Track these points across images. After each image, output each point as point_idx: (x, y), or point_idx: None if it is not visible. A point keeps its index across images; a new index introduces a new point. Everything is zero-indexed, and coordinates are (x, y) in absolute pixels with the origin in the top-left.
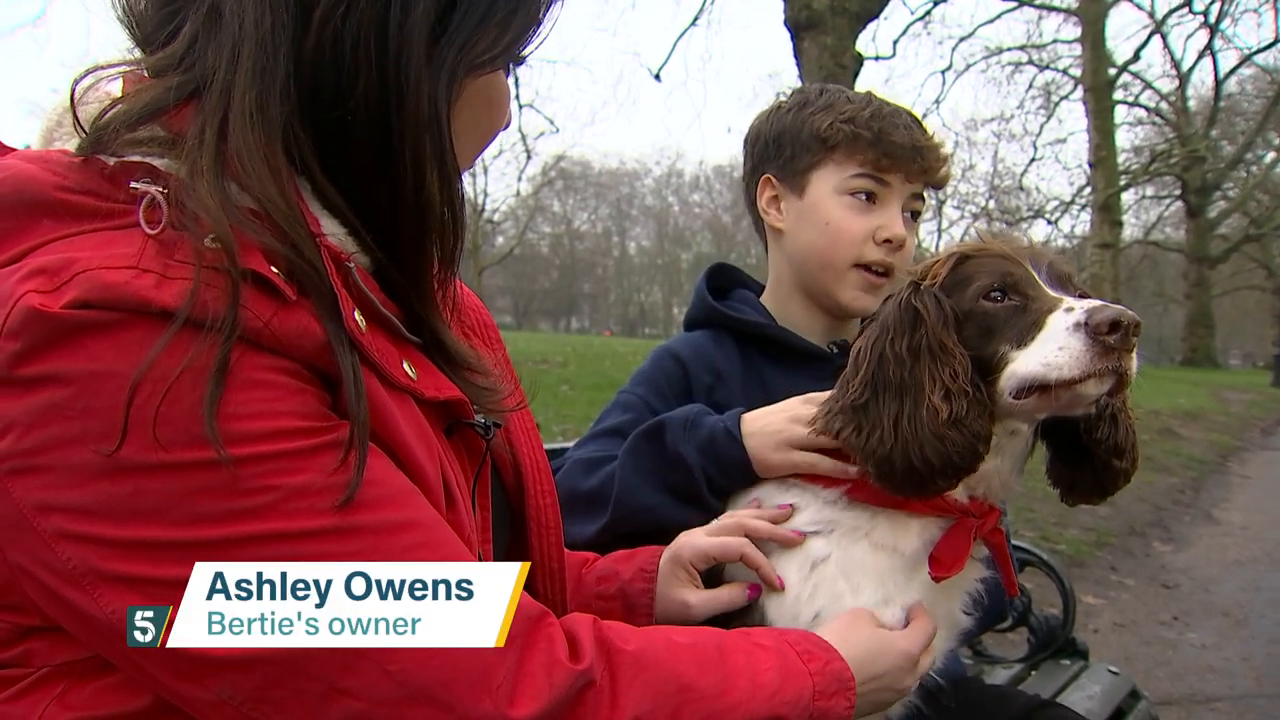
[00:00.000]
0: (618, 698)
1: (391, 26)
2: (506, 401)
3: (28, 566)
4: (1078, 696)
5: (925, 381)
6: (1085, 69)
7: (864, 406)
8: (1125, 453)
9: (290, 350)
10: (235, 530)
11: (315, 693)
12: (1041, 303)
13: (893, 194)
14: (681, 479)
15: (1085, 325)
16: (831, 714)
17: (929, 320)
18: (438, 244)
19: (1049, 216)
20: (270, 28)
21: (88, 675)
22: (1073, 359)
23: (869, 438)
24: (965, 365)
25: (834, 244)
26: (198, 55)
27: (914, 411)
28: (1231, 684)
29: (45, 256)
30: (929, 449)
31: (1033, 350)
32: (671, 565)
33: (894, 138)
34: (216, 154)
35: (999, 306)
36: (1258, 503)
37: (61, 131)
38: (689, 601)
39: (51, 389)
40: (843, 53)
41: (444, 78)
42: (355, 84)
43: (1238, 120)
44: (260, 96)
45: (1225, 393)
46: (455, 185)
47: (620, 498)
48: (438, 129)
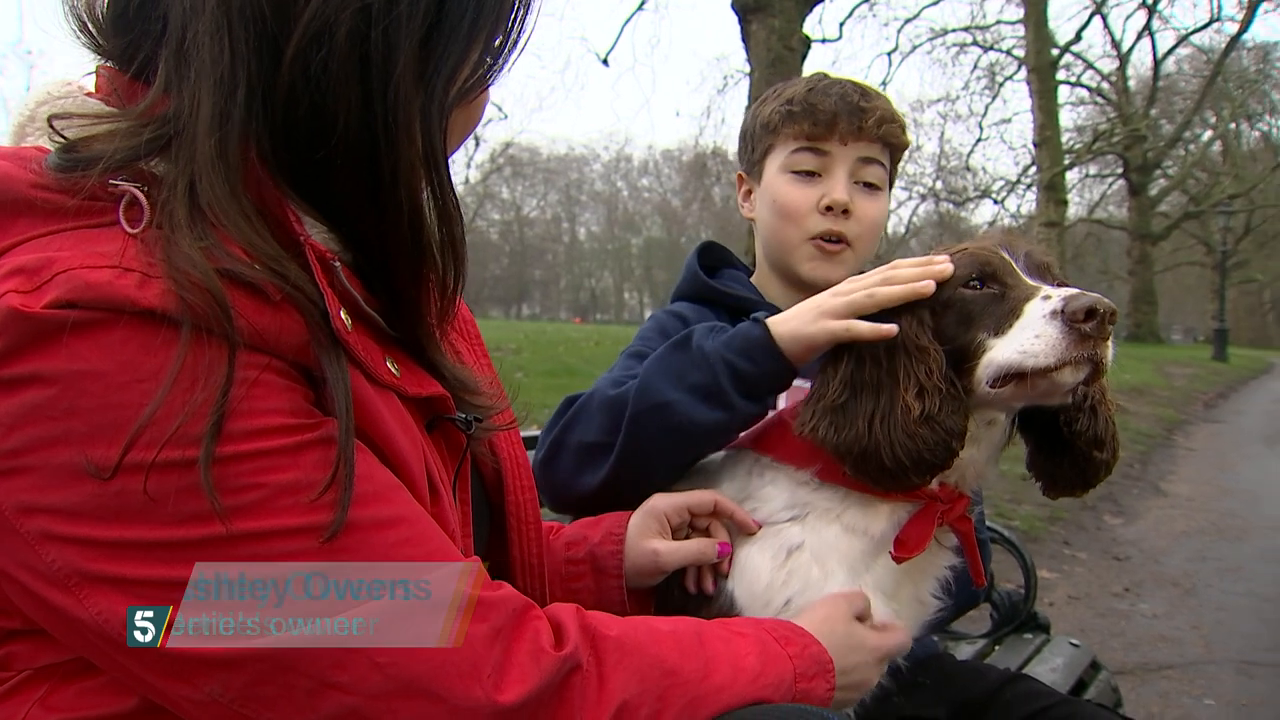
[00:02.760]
0: (605, 681)
1: (374, 65)
2: (500, 418)
3: (9, 569)
4: (1041, 669)
5: (900, 379)
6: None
7: (842, 406)
8: (1105, 444)
9: (275, 348)
10: (222, 529)
11: (305, 688)
12: (1019, 291)
13: (834, 162)
14: (704, 376)
15: (1061, 313)
16: (813, 696)
17: (902, 319)
18: (438, 278)
19: (995, 196)
20: (230, 68)
21: (71, 677)
22: (1048, 346)
23: (843, 436)
24: (940, 362)
25: (784, 220)
26: (173, 96)
27: (889, 410)
28: (1182, 652)
29: (23, 256)
30: (901, 447)
31: (1010, 338)
32: (644, 516)
33: (823, 106)
34: (190, 205)
35: (977, 295)
36: (1202, 474)
37: (34, 127)
38: (658, 550)
39: (33, 389)
40: (790, 35)
41: (435, 114)
42: (336, 123)
43: (1176, 99)
44: (220, 144)
45: (1169, 367)
46: (456, 224)
47: (639, 394)
48: (435, 166)
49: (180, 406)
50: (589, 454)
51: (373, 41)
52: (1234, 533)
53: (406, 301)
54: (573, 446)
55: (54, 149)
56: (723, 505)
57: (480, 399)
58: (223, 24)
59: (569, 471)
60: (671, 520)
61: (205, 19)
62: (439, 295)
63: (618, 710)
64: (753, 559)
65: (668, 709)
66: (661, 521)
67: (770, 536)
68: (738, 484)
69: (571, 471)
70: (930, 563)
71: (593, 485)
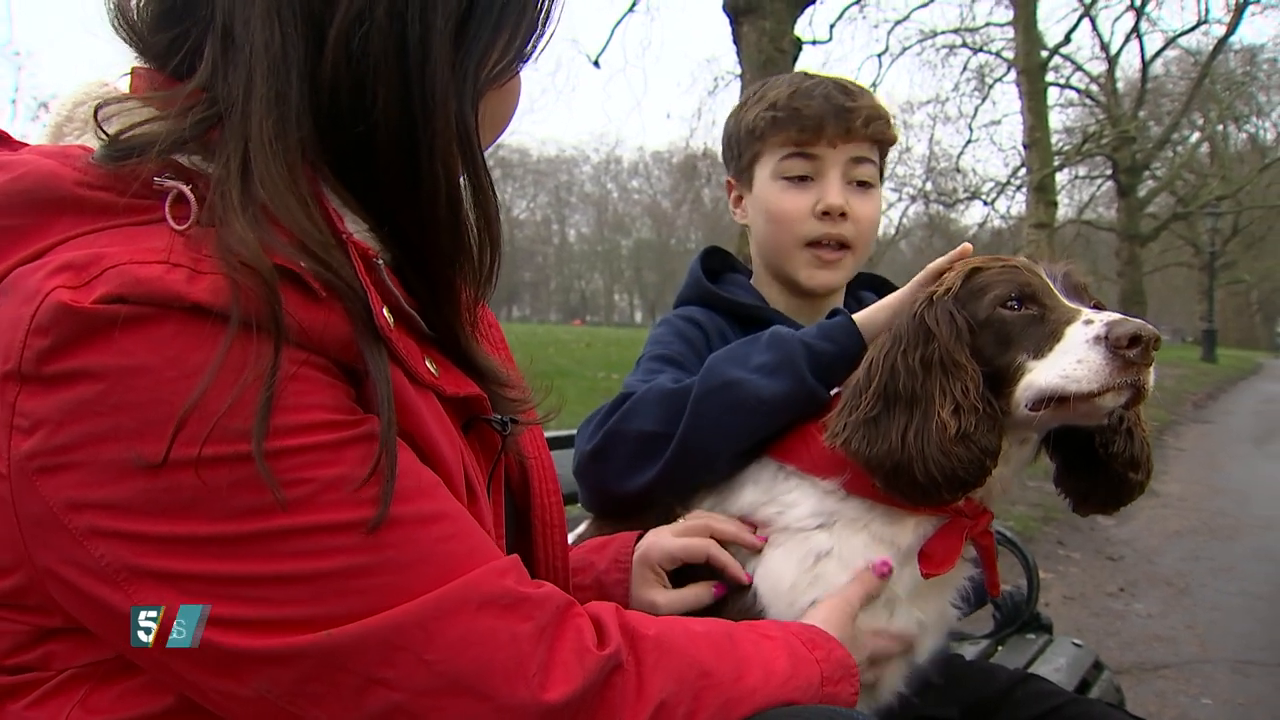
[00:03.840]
0: (644, 681)
1: (411, 43)
2: (530, 413)
3: (55, 567)
4: (1045, 670)
5: (935, 395)
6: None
7: (875, 420)
8: (1141, 465)
9: (319, 345)
10: (271, 524)
11: (353, 685)
12: (1059, 313)
13: (826, 165)
14: (776, 355)
15: (1105, 339)
16: (839, 699)
17: (940, 334)
18: (472, 264)
19: (985, 198)
20: (281, 50)
21: (110, 677)
22: (1092, 372)
23: (876, 449)
24: (976, 380)
25: (780, 228)
26: (218, 84)
27: (923, 426)
28: (1178, 651)
29: (71, 252)
30: (935, 464)
31: (1050, 361)
32: (640, 567)
33: (808, 109)
34: (244, 188)
35: (1016, 315)
36: (1193, 474)
37: (72, 126)
38: (657, 602)
39: (82, 385)
40: (781, 37)
41: (468, 92)
42: (375, 102)
43: (1164, 101)
44: (278, 124)
45: (1158, 367)
46: (491, 203)
47: (706, 375)
48: (469, 145)
49: (225, 400)
50: (648, 444)
51: (409, 19)
52: (1226, 532)
53: (444, 286)
54: (631, 436)
55: (99, 144)
56: (715, 559)
57: (513, 392)
58: (273, 6)
59: (624, 463)
60: (665, 568)
61: (257, 3)
62: (474, 276)
63: (656, 710)
64: (778, 562)
65: (703, 709)
66: (657, 571)
67: (798, 542)
68: (762, 488)
69: (626, 463)
70: (952, 574)
71: (644, 482)
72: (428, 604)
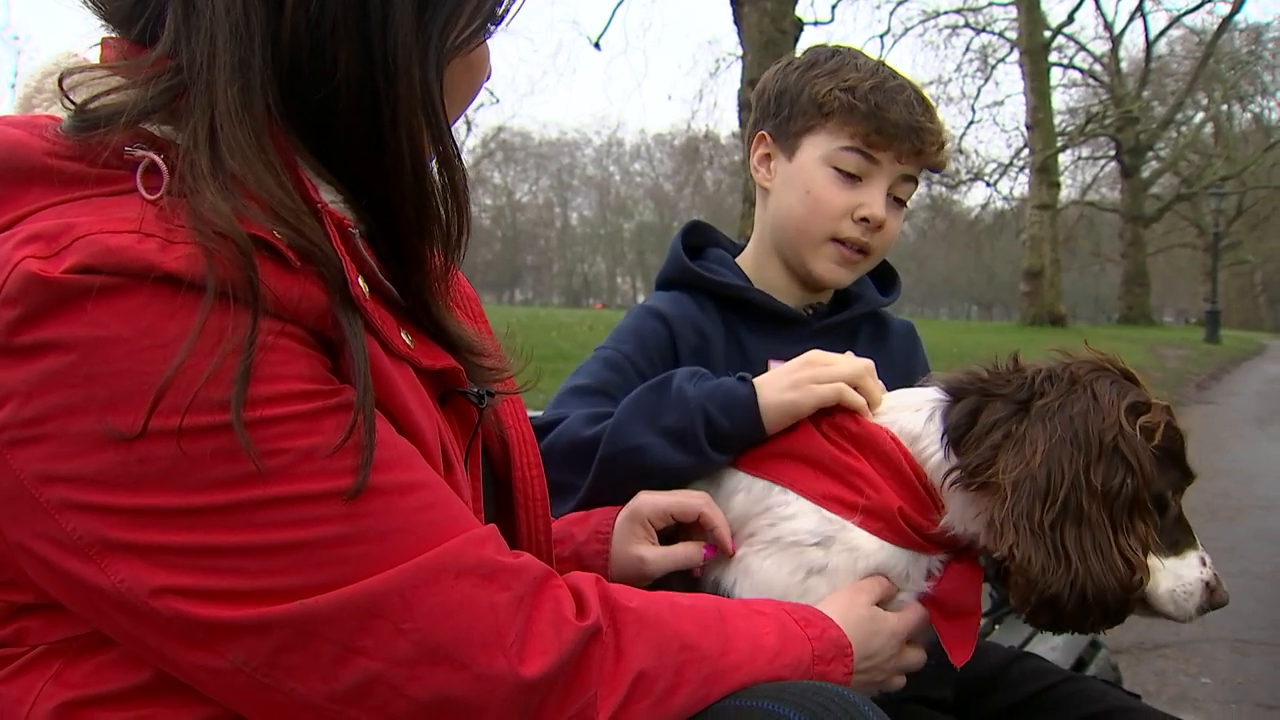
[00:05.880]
0: (622, 651)
1: (372, 5)
2: (508, 383)
3: (26, 541)
4: (1042, 649)
5: (1122, 530)
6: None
7: (1054, 526)
8: None
9: (295, 315)
10: (248, 494)
11: (330, 655)
12: (1184, 527)
13: (880, 172)
14: (678, 418)
15: (1209, 589)
16: (830, 678)
17: (1145, 473)
18: (441, 231)
19: (988, 179)
20: (243, 14)
21: (84, 652)
22: (1188, 609)
23: (1058, 575)
24: (1155, 538)
25: (812, 214)
26: (182, 51)
27: (1105, 547)
28: (1178, 630)
29: (41, 222)
30: (1113, 599)
31: (1168, 573)
32: (629, 522)
33: (890, 115)
34: (212, 156)
35: (1175, 506)
36: (1196, 455)
37: (41, 98)
38: (644, 557)
39: (52, 356)
40: (782, 18)
41: (432, 58)
42: (336, 67)
43: (1168, 81)
44: (242, 91)
45: (1161, 349)
46: (457, 170)
47: (611, 436)
48: (433, 112)
49: (202, 370)
50: (559, 489)
51: None
52: (1228, 513)
53: (412, 255)
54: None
55: (66, 114)
56: (707, 518)
57: (488, 361)
58: None
59: None
60: (655, 525)
61: None
62: (444, 244)
63: (634, 681)
64: (767, 568)
65: (684, 683)
66: (646, 527)
67: (792, 553)
68: (754, 496)
69: None
70: None
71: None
72: (405, 572)
